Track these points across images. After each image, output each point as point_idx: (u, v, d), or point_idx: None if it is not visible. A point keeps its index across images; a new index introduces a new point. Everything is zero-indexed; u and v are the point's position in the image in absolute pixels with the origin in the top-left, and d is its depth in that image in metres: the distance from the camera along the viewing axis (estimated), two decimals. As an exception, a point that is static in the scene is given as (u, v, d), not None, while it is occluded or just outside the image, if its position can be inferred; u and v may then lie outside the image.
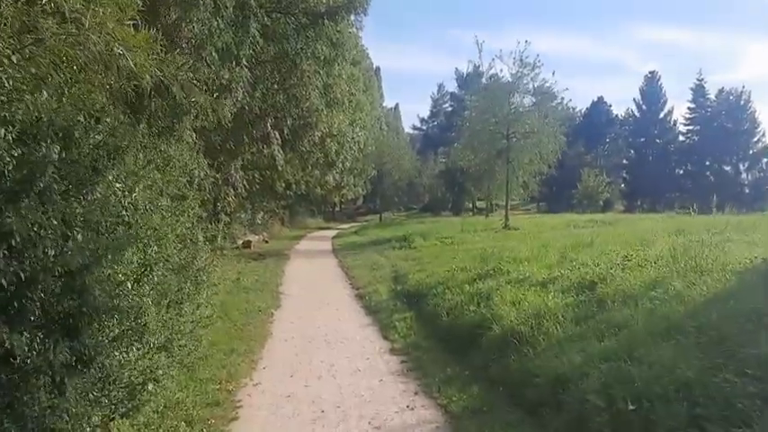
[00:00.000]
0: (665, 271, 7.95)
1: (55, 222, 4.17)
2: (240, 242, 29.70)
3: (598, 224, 27.39)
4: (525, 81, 31.96)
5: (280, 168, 19.13)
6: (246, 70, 13.95)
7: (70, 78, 5.11)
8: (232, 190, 17.44)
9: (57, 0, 5.06)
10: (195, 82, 8.21)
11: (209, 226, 10.36)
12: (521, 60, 30.99)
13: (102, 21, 5.38)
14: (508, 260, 12.59)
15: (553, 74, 31.26)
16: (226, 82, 13.42)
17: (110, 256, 4.59)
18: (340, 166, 25.97)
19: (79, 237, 4.34)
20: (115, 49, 5.39)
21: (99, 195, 4.66)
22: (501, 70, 32.73)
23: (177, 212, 8.06)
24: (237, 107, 14.45)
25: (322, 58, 16.74)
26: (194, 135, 13.08)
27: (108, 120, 5.08)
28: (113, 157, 4.87)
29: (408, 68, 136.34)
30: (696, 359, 4.98)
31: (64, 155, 4.36)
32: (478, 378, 7.03)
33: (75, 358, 4.40)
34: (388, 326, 10.67)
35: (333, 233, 44.10)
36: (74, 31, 5.17)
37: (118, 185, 4.86)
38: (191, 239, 8.47)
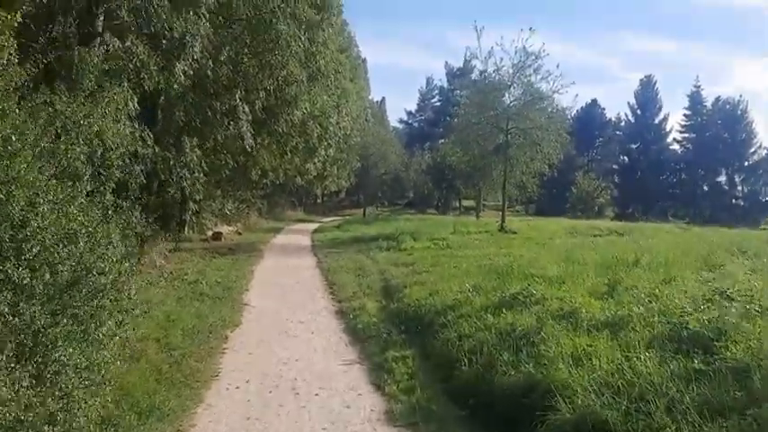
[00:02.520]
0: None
1: None
2: (210, 233, 26.76)
3: (608, 233, 24.78)
4: (528, 73, 28.99)
5: (249, 149, 16.05)
6: (207, 23, 11.00)
7: None
8: (188, 173, 14.32)
9: None
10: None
11: (135, 217, 7.41)
12: (524, 49, 28.03)
13: None
14: (536, 279, 9.77)
15: (557, 66, 28.31)
16: (179, 35, 10.49)
17: None
18: (322, 153, 22.90)
19: None
20: None
21: None
22: (501, 59, 29.59)
23: (65, 199, 5.13)
24: (196, 70, 11.55)
25: (303, 19, 13.77)
26: (135, 100, 10.16)
27: None
28: None
29: (393, 66, 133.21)
30: None
31: None
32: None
33: None
34: (381, 366, 7.79)
35: (313, 227, 41.17)
36: None
37: None
38: (92, 238, 5.53)
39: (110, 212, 6.41)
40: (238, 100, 13.73)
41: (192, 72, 11.22)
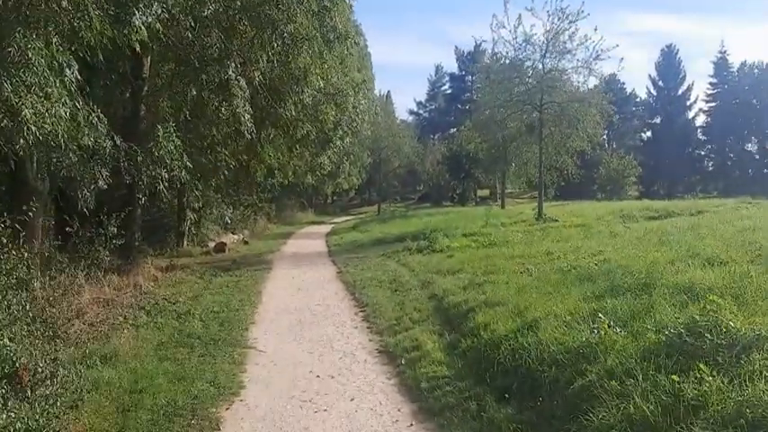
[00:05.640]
0: None
1: None
2: (212, 245, 23.42)
3: (670, 215, 21.23)
4: (563, 39, 25.05)
5: (249, 136, 12.35)
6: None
7: None
8: (165, 172, 10.65)
9: None
10: None
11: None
12: (560, 11, 24.14)
13: None
14: (698, 294, 6.27)
15: (596, 29, 23.88)
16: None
17: None
18: (338, 143, 19.27)
19: None
20: None
21: None
22: (532, 26, 25.99)
23: None
24: (168, 24, 8.15)
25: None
26: (75, 67, 6.73)
27: None
28: None
29: (394, 60, 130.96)
30: None
31: None
32: None
33: None
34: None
35: (326, 229, 37.85)
36: None
37: None
38: None
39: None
40: (231, 73, 10.21)
41: (160, 27, 7.81)
